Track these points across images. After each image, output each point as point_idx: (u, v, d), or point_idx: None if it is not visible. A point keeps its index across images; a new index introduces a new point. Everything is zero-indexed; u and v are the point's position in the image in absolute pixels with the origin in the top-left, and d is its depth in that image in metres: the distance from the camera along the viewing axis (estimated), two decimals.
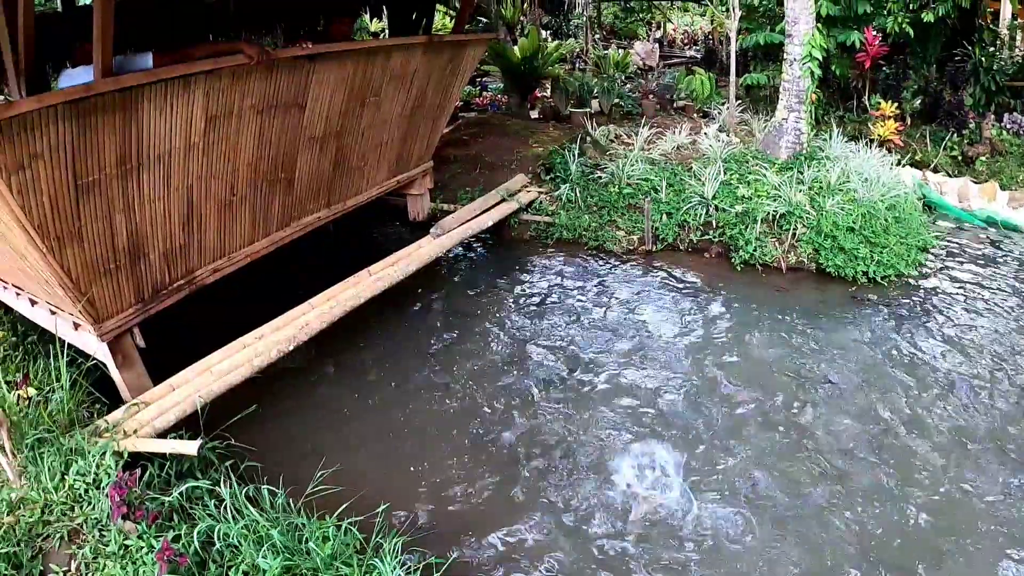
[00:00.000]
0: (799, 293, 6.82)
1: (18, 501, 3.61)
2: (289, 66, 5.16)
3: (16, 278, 4.96)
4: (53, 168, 3.69)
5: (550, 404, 5.16)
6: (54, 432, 3.96)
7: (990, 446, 4.63)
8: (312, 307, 5.57)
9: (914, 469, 4.44)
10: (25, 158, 3.50)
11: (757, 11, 11.73)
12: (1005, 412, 4.96)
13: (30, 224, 3.70)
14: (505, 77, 13.53)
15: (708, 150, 8.87)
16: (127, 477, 3.51)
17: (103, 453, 3.79)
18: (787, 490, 4.29)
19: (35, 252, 3.91)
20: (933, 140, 10.65)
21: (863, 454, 4.58)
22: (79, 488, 3.66)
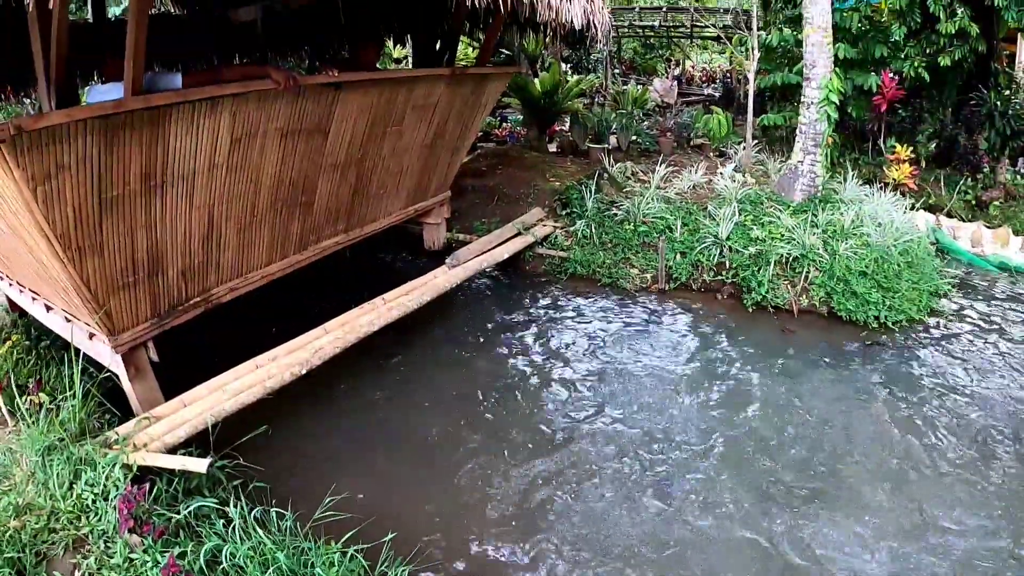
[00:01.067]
0: (807, 336, 6.79)
1: (25, 506, 3.63)
2: (315, 92, 5.23)
3: (34, 283, 5.03)
4: (79, 181, 3.75)
5: (558, 443, 5.11)
6: (64, 440, 3.98)
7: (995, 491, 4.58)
8: (326, 332, 5.60)
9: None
10: (52, 169, 3.56)
11: (775, 52, 11.82)
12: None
13: (53, 234, 3.76)
14: (525, 110, 13.68)
15: (723, 190, 8.90)
16: (136, 491, 3.52)
17: (113, 465, 3.81)
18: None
19: (56, 261, 3.97)
20: (947, 184, 10.67)
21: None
22: (87, 498, 3.67)
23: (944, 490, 4.59)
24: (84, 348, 4.71)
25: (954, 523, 4.29)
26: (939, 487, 4.63)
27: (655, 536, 4.22)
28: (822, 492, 4.58)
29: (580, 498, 4.55)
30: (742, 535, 4.22)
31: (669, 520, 4.35)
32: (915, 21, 10.83)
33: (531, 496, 4.54)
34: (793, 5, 10.87)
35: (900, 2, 10.67)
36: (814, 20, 8.46)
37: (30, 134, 3.35)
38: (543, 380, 5.99)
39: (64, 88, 3.96)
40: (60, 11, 3.47)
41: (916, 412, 5.46)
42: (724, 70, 24.55)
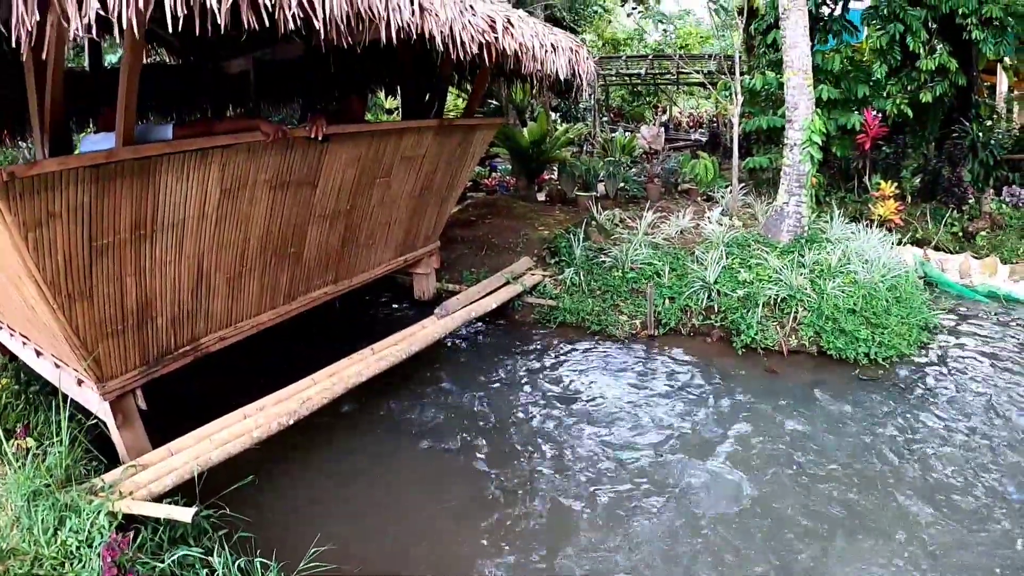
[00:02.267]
0: (796, 376, 6.81)
1: (8, 551, 3.62)
2: (303, 144, 5.33)
3: (23, 327, 5.07)
4: (70, 228, 3.82)
5: (548, 490, 5.07)
6: (50, 486, 3.99)
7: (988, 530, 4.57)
8: (315, 382, 5.60)
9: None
10: (44, 216, 3.63)
11: (759, 95, 12.07)
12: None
13: (43, 280, 3.82)
14: (514, 159, 13.88)
15: (711, 234, 9.02)
16: (120, 539, 3.52)
17: (98, 512, 3.80)
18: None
19: (45, 307, 4.01)
20: (934, 217, 10.86)
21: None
22: (71, 545, 3.65)
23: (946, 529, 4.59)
24: (72, 394, 4.72)
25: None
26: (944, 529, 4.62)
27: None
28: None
29: (572, 539, 4.54)
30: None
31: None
32: (895, 59, 11.13)
33: (528, 547, 4.49)
34: (775, 49, 11.13)
35: (880, 41, 10.98)
36: (794, 63, 8.68)
37: (23, 181, 3.42)
38: (531, 429, 5.97)
39: (58, 136, 4.04)
40: (55, 61, 3.56)
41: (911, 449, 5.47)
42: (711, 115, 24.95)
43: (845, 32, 11.64)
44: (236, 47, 7.72)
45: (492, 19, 5.52)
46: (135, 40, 3.48)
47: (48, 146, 3.88)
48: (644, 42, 27.80)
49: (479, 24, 5.27)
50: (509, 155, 14.19)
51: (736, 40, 12.15)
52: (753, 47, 13.49)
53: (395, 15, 4.26)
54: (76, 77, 7.34)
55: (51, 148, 3.89)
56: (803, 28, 8.68)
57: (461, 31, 4.99)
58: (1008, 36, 10.78)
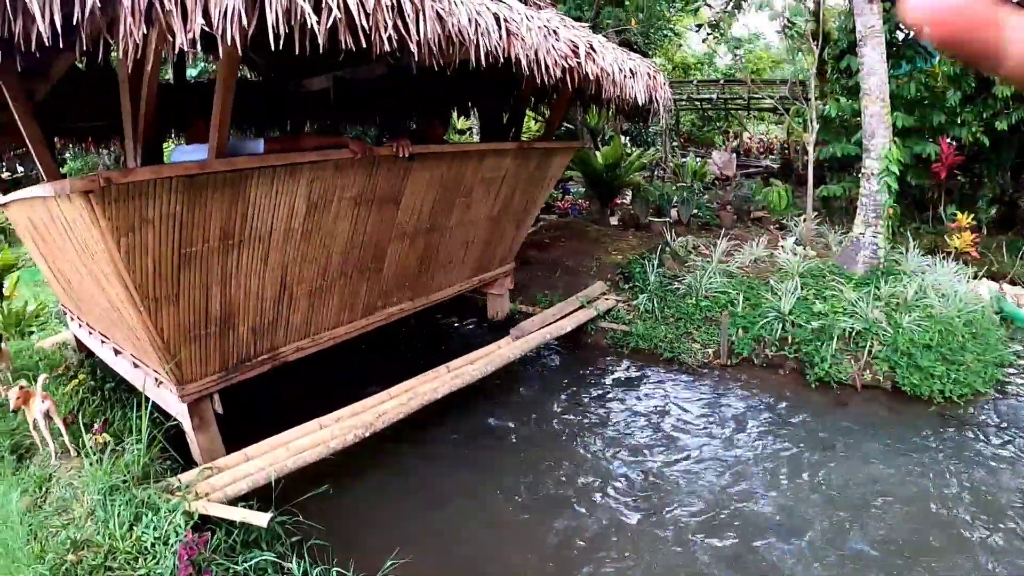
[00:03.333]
0: (869, 411, 6.53)
1: (83, 542, 3.67)
2: (388, 163, 5.35)
3: (105, 327, 5.19)
4: (160, 234, 3.89)
5: (624, 520, 4.93)
6: (127, 482, 4.05)
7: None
8: (391, 397, 5.63)
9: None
10: (136, 222, 3.71)
11: (833, 122, 11.76)
12: None
13: (132, 283, 3.90)
14: (587, 183, 13.79)
15: (785, 264, 8.78)
16: (197, 538, 3.54)
17: (175, 511, 3.84)
18: None
19: (132, 309, 4.10)
20: (1010, 250, 10.35)
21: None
22: (147, 540, 3.69)
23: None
24: (151, 394, 4.82)
25: None
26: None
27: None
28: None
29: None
30: None
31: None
32: (969, 86, 10.77)
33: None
34: (849, 75, 10.84)
35: (954, 68, 10.59)
36: (872, 91, 8.42)
37: (118, 187, 3.49)
38: (608, 454, 5.84)
39: (149, 146, 4.11)
40: (152, 74, 3.63)
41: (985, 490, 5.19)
42: (781, 141, 24.51)
43: (919, 57, 11.28)
44: (317, 65, 7.83)
45: (575, 44, 5.47)
46: (233, 56, 3.53)
47: (141, 155, 3.95)
48: (714, 66, 27.53)
49: (562, 49, 5.23)
50: (583, 178, 14.13)
51: (809, 65, 11.87)
52: (826, 72, 13.18)
53: (484, 39, 4.24)
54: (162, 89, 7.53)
55: (143, 157, 3.95)
56: (880, 55, 8.41)
57: (546, 55, 4.95)
58: None
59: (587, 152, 13.53)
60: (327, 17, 3.16)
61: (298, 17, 3.07)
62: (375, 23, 3.38)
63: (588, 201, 14.02)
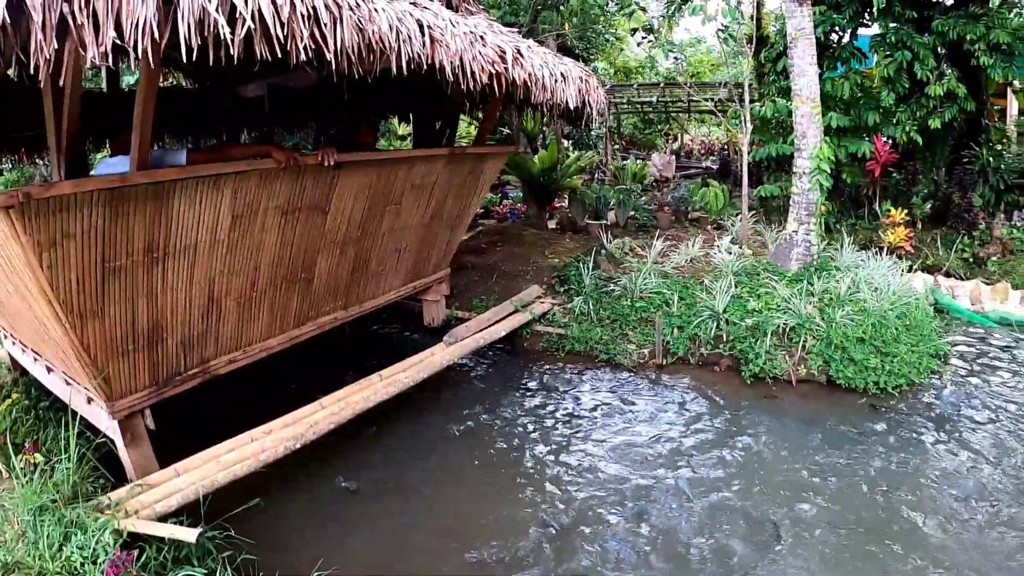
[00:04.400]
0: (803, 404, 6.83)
1: (13, 564, 3.67)
2: (315, 172, 5.41)
3: (36, 344, 5.16)
4: (83, 249, 3.91)
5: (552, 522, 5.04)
6: (57, 502, 4.05)
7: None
8: (322, 407, 5.65)
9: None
10: (58, 236, 3.72)
11: (770, 123, 12.14)
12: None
13: (56, 298, 3.91)
14: (524, 187, 13.98)
15: (720, 263, 9.06)
16: (124, 556, 3.57)
17: (103, 529, 3.86)
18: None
19: (57, 325, 4.10)
20: (944, 243, 10.87)
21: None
22: (76, 561, 3.70)
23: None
24: (82, 411, 4.81)
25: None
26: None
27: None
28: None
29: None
30: None
31: None
32: (903, 86, 11.24)
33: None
34: (785, 77, 11.22)
35: (888, 69, 11.06)
36: (802, 92, 8.77)
37: (38, 202, 3.52)
38: (537, 458, 5.97)
39: (74, 158, 4.12)
40: (72, 87, 3.65)
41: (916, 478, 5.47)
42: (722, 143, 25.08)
43: (854, 59, 11.76)
44: (252, 72, 7.86)
45: (502, 49, 5.61)
46: (150, 68, 3.59)
47: (64, 168, 3.97)
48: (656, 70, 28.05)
49: (489, 55, 5.36)
50: (520, 183, 14.30)
51: (746, 68, 12.25)
52: (764, 75, 13.59)
53: (406, 46, 4.34)
54: (93, 99, 7.46)
55: (67, 170, 3.97)
56: (811, 56, 8.76)
57: (471, 62, 5.07)
58: (1017, 61, 10.87)
59: (523, 156, 13.71)
60: (241, 27, 3.23)
61: (211, 28, 3.13)
62: (291, 32, 3.46)
63: (526, 205, 14.20)
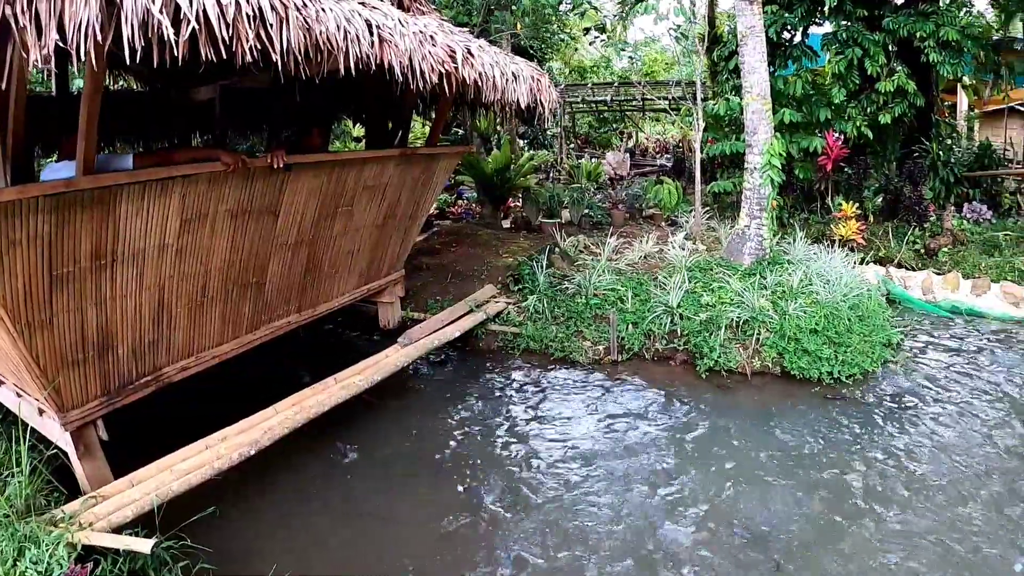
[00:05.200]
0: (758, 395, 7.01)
1: None
2: (264, 174, 5.42)
3: None
4: (29, 256, 3.89)
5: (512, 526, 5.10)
6: (9, 517, 4.03)
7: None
8: (277, 412, 5.66)
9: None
10: (3, 244, 3.71)
11: (723, 121, 12.38)
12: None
13: (3, 308, 3.88)
14: (478, 187, 14.05)
15: (674, 259, 9.23)
16: (79, 570, 3.58)
17: (57, 543, 3.85)
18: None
19: (5, 336, 4.07)
20: (896, 235, 11.21)
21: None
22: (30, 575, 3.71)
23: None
24: (34, 424, 4.77)
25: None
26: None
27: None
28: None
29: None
30: None
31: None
32: (854, 82, 11.57)
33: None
34: (738, 75, 11.45)
35: (839, 66, 11.36)
36: (753, 89, 8.98)
37: None
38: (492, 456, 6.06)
39: (20, 163, 4.08)
40: (16, 90, 3.64)
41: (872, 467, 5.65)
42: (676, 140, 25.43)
43: (805, 57, 12.08)
44: (203, 75, 7.81)
45: (452, 49, 5.69)
46: (95, 71, 3.59)
47: (9, 174, 3.95)
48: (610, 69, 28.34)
49: (438, 54, 5.43)
50: (474, 183, 14.38)
51: (698, 67, 12.47)
52: (717, 73, 13.85)
53: (354, 46, 4.40)
54: (42, 102, 7.38)
55: (13, 176, 3.94)
56: (761, 54, 8.98)
57: (421, 62, 5.13)
58: (966, 58, 11.24)
59: (477, 156, 13.79)
60: (186, 28, 3.26)
61: (155, 29, 3.17)
62: (236, 33, 3.50)
63: (481, 205, 14.28)
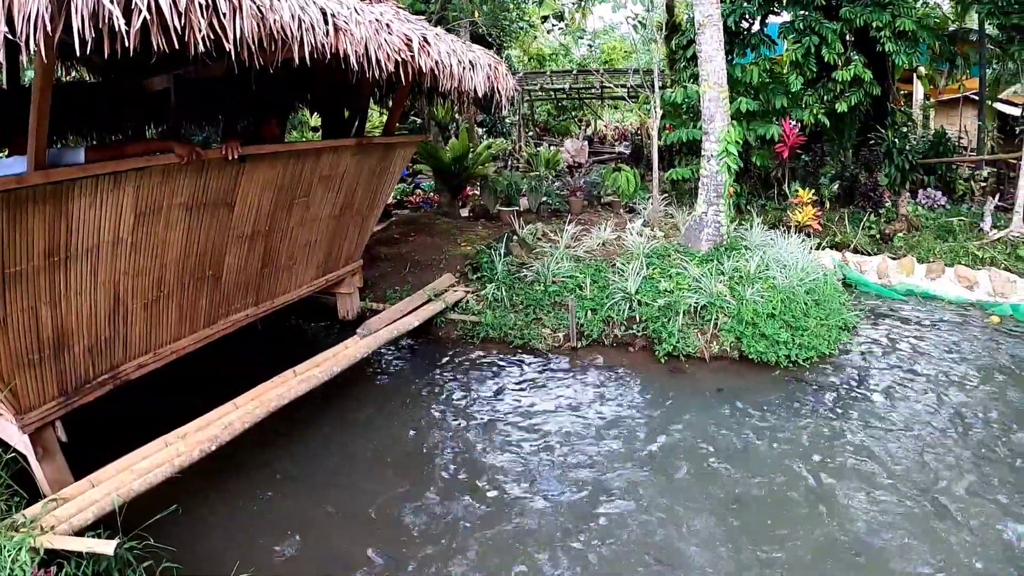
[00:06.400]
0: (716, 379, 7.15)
1: None
2: (219, 166, 5.38)
3: None
4: None
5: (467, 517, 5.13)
6: None
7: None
8: (236, 407, 5.63)
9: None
10: None
11: (681, 108, 12.51)
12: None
13: None
14: (436, 176, 14.03)
15: (632, 246, 9.33)
16: (42, 574, 3.55)
17: (19, 548, 3.81)
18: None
19: None
20: (852, 221, 11.44)
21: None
22: None
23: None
24: None
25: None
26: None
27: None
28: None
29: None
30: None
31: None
32: (811, 71, 11.76)
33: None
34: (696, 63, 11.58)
35: (797, 54, 11.53)
36: (710, 77, 9.10)
37: None
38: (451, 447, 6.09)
39: None
40: None
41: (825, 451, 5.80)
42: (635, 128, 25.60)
43: (763, 46, 12.23)
44: (158, 65, 7.68)
45: (408, 37, 5.69)
46: (46, 63, 3.54)
47: None
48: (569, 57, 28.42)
49: (395, 43, 5.43)
50: (432, 172, 14.34)
51: (657, 55, 12.58)
52: (675, 61, 13.98)
53: (308, 35, 4.38)
54: None
55: None
56: (718, 42, 9.10)
57: (377, 50, 5.13)
58: (921, 47, 11.47)
59: (434, 145, 13.76)
60: (137, 18, 3.23)
61: (106, 20, 3.13)
62: (188, 23, 3.47)
63: (439, 194, 14.27)
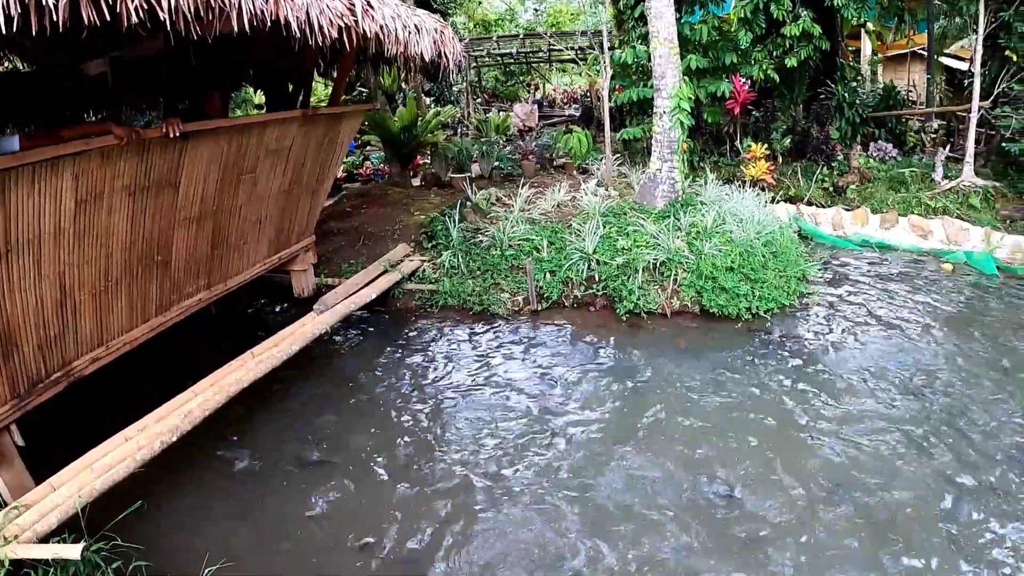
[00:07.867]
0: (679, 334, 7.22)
1: None
2: (161, 145, 5.20)
3: None
4: None
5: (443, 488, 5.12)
6: None
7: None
8: (195, 394, 5.51)
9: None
10: None
11: (631, 68, 12.45)
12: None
13: None
14: (385, 146, 13.84)
15: (587, 206, 9.29)
16: None
17: None
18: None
19: None
20: (805, 175, 11.58)
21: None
22: None
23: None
24: None
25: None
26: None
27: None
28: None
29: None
30: None
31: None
32: (760, 27, 11.80)
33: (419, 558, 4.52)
34: (644, 22, 11.54)
35: (745, 10, 11.53)
36: (660, 34, 9.05)
37: None
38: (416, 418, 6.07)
39: None
40: None
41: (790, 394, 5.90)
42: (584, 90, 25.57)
43: (712, 3, 12.18)
44: (93, 49, 7.40)
45: (351, 2, 5.53)
46: None
47: None
48: (516, 22, 28.26)
49: (337, 8, 5.28)
50: (381, 142, 14.15)
51: (604, 16, 12.47)
52: (623, 22, 13.88)
53: (247, 3, 4.22)
54: None
55: None
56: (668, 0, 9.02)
57: (319, 16, 4.98)
58: (869, 2, 11.52)
59: (382, 115, 13.53)
60: None
61: None
62: None
63: (389, 165, 14.08)
